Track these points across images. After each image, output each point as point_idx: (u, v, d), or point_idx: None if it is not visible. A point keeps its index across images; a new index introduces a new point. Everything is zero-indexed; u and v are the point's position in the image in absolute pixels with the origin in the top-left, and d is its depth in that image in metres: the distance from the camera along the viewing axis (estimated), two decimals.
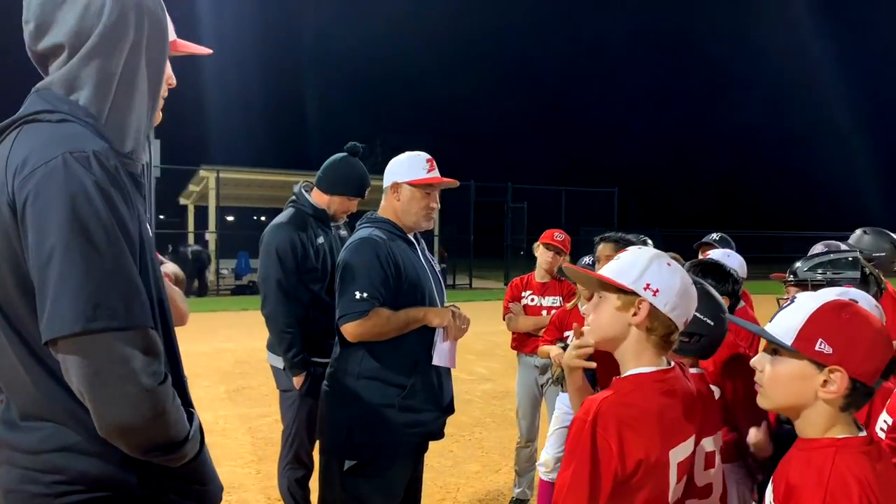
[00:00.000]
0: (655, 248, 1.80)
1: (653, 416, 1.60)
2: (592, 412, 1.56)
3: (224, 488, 4.42)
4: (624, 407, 1.58)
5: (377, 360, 2.57)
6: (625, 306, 1.67)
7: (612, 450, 1.53)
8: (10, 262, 1.31)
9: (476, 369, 9.24)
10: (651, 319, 1.65)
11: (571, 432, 1.59)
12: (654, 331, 1.66)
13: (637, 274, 1.66)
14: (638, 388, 1.63)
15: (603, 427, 1.54)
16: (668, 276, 1.67)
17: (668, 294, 1.65)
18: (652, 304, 1.64)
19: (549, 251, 4.45)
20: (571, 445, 1.57)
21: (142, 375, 1.30)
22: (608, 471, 1.53)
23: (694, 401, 1.74)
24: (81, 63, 1.43)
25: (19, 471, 1.37)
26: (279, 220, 3.44)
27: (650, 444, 1.57)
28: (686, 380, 1.76)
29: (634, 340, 1.68)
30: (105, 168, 1.34)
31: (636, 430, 1.56)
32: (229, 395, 7.65)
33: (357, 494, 2.54)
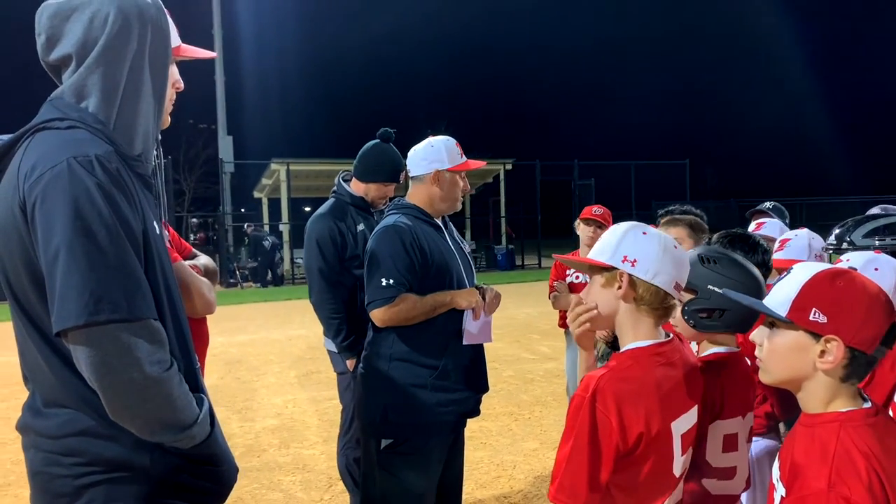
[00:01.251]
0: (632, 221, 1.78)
1: (651, 388, 1.61)
2: (591, 388, 1.58)
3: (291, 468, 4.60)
4: (622, 382, 1.59)
5: (408, 343, 2.65)
6: (608, 282, 1.69)
7: (612, 424, 1.55)
8: (25, 260, 1.43)
9: (540, 349, 9.25)
10: (634, 289, 1.66)
11: (571, 408, 1.61)
12: (641, 300, 1.67)
13: (613, 248, 1.68)
14: (636, 362, 1.64)
15: (602, 402, 1.56)
16: (645, 243, 1.67)
17: (647, 261, 1.65)
18: (631, 274, 1.65)
19: (590, 226, 4.44)
20: (571, 421, 1.59)
21: (146, 363, 1.40)
22: (609, 445, 1.55)
23: (694, 372, 1.74)
24: (88, 71, 1.53)
25: (43, 454, 1.50)
26: (320, 212, 3.56)
27: (650, 417, 1.58)
28: (685, 351, 1.76)
29: (627, 314, 1.69)
30: (107, 171, 1.44)
31: (635, 404, 1.58)
32: (299, 379, 7.91)
33: (394, 472, 2.63)
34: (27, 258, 1.43)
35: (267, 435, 5.75)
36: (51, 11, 1.55)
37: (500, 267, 25.47)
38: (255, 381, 7.87)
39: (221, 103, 27.88)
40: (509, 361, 8.37)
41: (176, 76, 1.74)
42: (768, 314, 1.47)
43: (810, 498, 1.32)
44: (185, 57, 1.77)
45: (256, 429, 5.94)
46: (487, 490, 4.40)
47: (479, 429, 5.53)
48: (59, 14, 1.55)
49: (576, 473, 1.54)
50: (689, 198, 27.19)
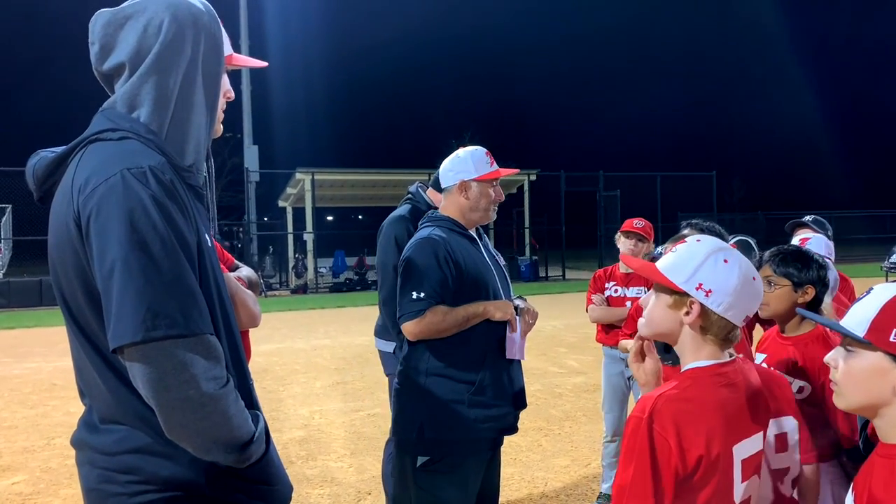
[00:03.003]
0: (717, 239, 1.70)
1: (711, 409, 1.54)
2: (648, 409, 1.52)
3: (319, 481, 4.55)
4: (681, 402, 1.53)
5: (443, 358, 2.60)
6: (676, 305, 1.62)
7: (670, 447, 1.49)
8: (79, 275, 1.41)
9: (568, 362, 9.15)
10: (704, 319, 1.59)
11: (628, 431, 1.55)
12: (708, 330, 1.60)
13: (690, 272, 1.59)
14: (695, 382, 1.57)
15: (660, 424, 1.50)
16: (724, 274, 1.58)
17: (723, 294, 1.57)
18: (704, 304, 1.58)
19: (630, 239, 4.36)
20: (629, 444, 1.53)
21: (202, 380, 1.36)
22: (668, 469, 1.49)
23: (759, 395, 1.67)
24: (141, 81, 1.51)
25: (98, 471, 1.47)
26: (399, 213, 3.60)
27: (710, 439, 1.52)
28: (750, 373, 1.69)
29: (689, 338, 1.62)
30: (161, 182, 1.41)
31: (694, 426, 1.51)
32: (325, 390, 7.89)
33: (431, 490, 2.57)
34: (82, 273, 1.40)
35: (294, 446, 5.73)
36: (105, 20, 1.53)
37: (523, 278, 25.38)
38: (282, 391, 7.86)
39: (247, 113, 28.19)
40: (537, 375, 8.28)
41: (227, 86, 1.71)
42: (845, 334, 1.41)
43: None
44: (236, 66, 1.74)
45: (283, 440, 5.91)
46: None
47: (509, 444, 5.44)
48: (113, 22, 1.53)
49: (640, 498, 1.48)
50: (715, 210, 26.93)
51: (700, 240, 1.67)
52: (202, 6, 1.62)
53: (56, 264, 1.47)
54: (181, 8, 1.56)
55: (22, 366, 9.89)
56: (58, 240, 1.45)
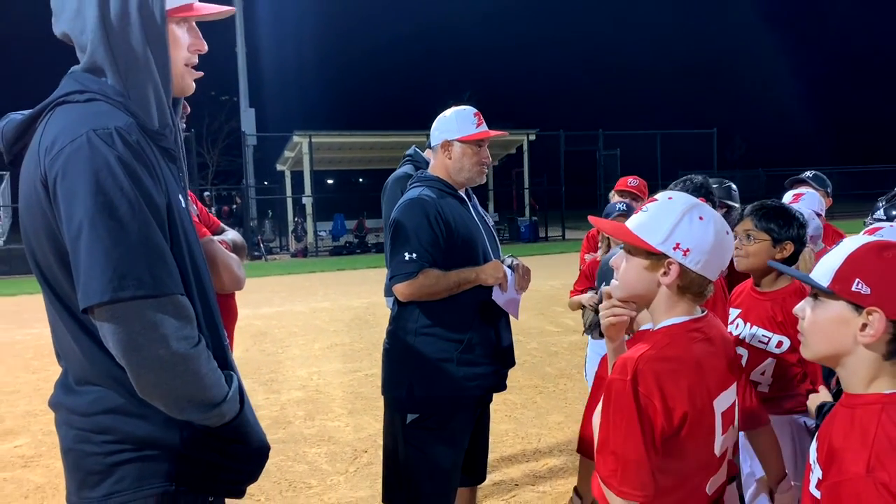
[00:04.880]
0: (689, 196, 1.67)
1: (690, 365, 1.55)
2: (630, 371, 1.52)
3: (316, 440, 4.62)
4: (661, 361, 1.53)
5: (432, 317, 2.62)
6: (652, 266, 1.60)
7: (656, 407, 1.49)
8: (49, 237, 1.41)
9: (564, 321, 9.20)
10: (682, 278, 1.58)
11: (610, 394, 1.54)
12: (686, 289, 1.60)
13: (666, 232, 1.57)
14: (672, 340, 1.58)
15: (644, 386, 1.50)
16: (701, 231, 1.57)
17: (700, 252, 1.56)
18: (682, 264, 1.57)
19: (625, 198, 4.34)
20: (615, 408, 1.52)
21: (173, 339, 1.38)
22: (656, 429, 1.50)
23: (731, 347, 1.68)
24: (93, 46, 1.48)
25: (75, 431, 1.49)
26: (403, 171, 3.61)
27: (693, 395, 1.53)
28: (721, 326, 1.70)
29: (665, 296, 1.61)
30: (128, 143, 1.40)
31: (676, 384, 1.52)
32: (323, 351, 7.96)
33: (420, 446, 2.61)
34: (52, 235, 1.40)
35: (292, 407, 5.80)
36: None
37: (523, 239, 25.38)
38: (281, 354, 7.93)
39: (243, 75, 27.90)
40: (533, 334, 8.34)
41: (190, 39, 1.63)
42: (810, 284, 1.41)
43: (847, 483, 1.26)
44: (201, 16, 1.64)
45: (282, 401, 5.98)
46: (513, 463, 4.40)
47: (504, 401, 5.52)
48: None
49: (638, 465, 1.48)
50: (716, 167, 26.80)
51: (672, 197, 1.64)
52: None
53: (27, 227, 1.47)
54: None
55: (24, 332, 9.96)
56: (27, 202, 1.45)
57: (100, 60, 1.48)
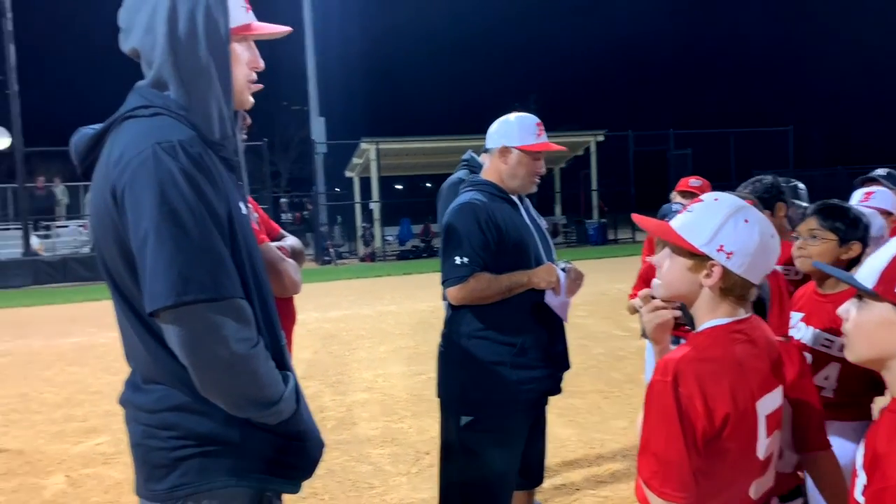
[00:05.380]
0: (736, 197, 1.64)
1: (732, 366, 1.53)
2: (671, 372, 1.51)
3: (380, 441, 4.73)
4: (702, 363, 1.52)
5: (484, 320, 2.64)
6: (695, 267, 1.59)
7: (697, 408, 1.48)
8: (118, 244, 1.50)
9: (632, 325, 9.02)
10: (724, 281, 1.56)
11: (651, 394, 1.54)
12: (728, 292, 1.58)
13: (710, 234, 1.56)
14: (714, 341, 1.56)
15: (685, 387, 1.49)
16: (745, 234, 1.55)
17: (744, 255, 1.54)
18: (725, 266, 1.55)
19: (687, 199, 4.26)
20: (656, 409, 1.51)
21: (232, 341, 1.45)
22: (697, 431, 1.48)
23: (776, 350, 1.65)
24: (161, 60, 1.57)
25: (142, 427, 1.58)
26: (458, 177, 3.68)
27: (735, 397, 1.50)
28: (766, 329, 1.67)
29: (707, 298, 1.60)
30: (190, 155, 1.48)
31: (718, 385, 1.50)
32: (389, 354, 8.07)
33: (475, 448, 2.64)
34: (120, 242, 1.49)
35: (358, 408, 5.91)
36: (126, 4, 1.61)
37: (591, 242, 25.07)
38: (348, 356, 8.08)
39: (313, 85, 28.47)
40: (600, 338, 8.23)
41: (249, 56, 1.72)
42: (854, 285, 1.37)
43: (890, 490, 1.23)
44: (259, 35, 1.74)
45: (348, 402, 6.10)
46: (575, 467, 4.37)
47: (568, 406, 5.48)
48: (132, 6, 1.60)
49: (680, 466, 1.47)
50: (792, 166, 25.85)
51: (718, 199, 1.62)
52: None
53: (98, 234, 1.57)
54: None
55: (106, 335, 10.45)
56: (98, 211, 1.54)
57: (166, 75, 1.57)
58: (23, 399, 6.82)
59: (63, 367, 8.34)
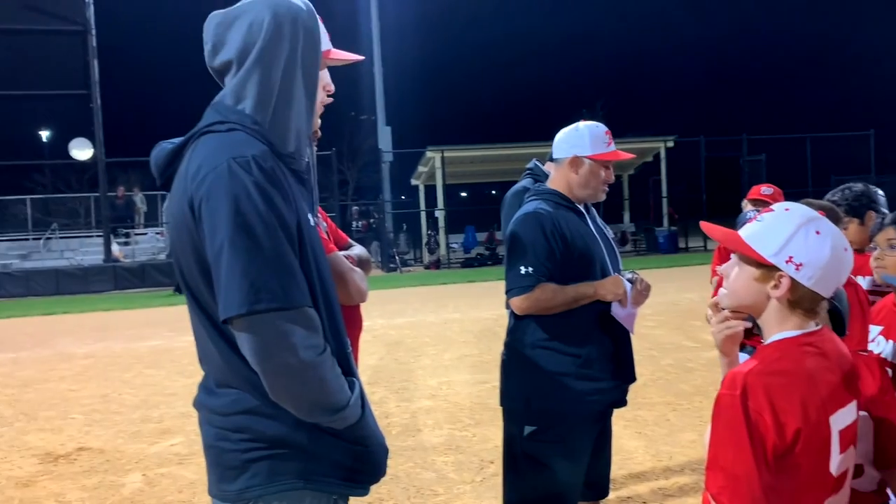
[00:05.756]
0: (808, 208, 1.60)
1: (803, 380, 1.48)
2: (739, 386, 1.47)
3: (444, 449, 4.76)
4: (772, 376, 1.47)
5: (549, 330, 2.62)
6: (763, 277, 1.55)
7: (767, 422, 1.44)
8: (194, 253, 1.57)
9: (702, 336, 8.81)
10: (793, 293, 1.52)
11: (718, 408, 1.50)
12: (797, 304, 1.53)
13: (779, 245, 1.52)
14: (783, 354, 1.51)
15: (754, 401, 1.45)
16: (816, 246, 1.50)
17: (814, 268, 1.49)
18: (794, 278, 1.51)
19: (757, 208, 4.14)
20: (723, 423, 1.48)
21: (301, 348, 1.49)
22: (767, 446, 1.45)
23: (850, 363, 1.59)
24: (246, 75, 1.64)
25: (215, 429, 1.63)
26: (522, 185, 3.68)
27: (806, 411, 1.46)
28: (838, 342, 1.60)
29: (775, 310, 1.55)
30: (263, 169, 1.53)
31: (788, 399, 1.46)
32: (453, 362, 8.10)
33: (538, 459, 2.61)
34: (196, 252, 1.56)
35: (422, 415, 5.95)
36: (217, 21, 1.68)
37: (661, 250, 24.60)
38: (413, 363, 8.15)
39: (380, 95, 28.93)
40: (669, 349, 8.06)
41: (326, 80, 1.81)
42: None
43: None
44: (334, 61, 1.83)
45: (413, 409, 6.15)
46: (642, 480, 4.28)
47: (635, 418, 5.39)
48: (224, 23, 1.67)
49: (749, 481, 1.43)
50: (874, 172, 24.77)
51: (789, 209, 1.58)
52: (302, 4, 1.72)
53: (175, 243, 1.64)
54: (282, 6, 1.67)
55: (182, 339, 10.84)
56: (176, 222, 1.61)
57: (247, 92, 1.64)
58: (104, 400, 7.14)
59: (141, 369, 8.69)
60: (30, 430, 6.13)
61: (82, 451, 5.43)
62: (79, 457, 5.31)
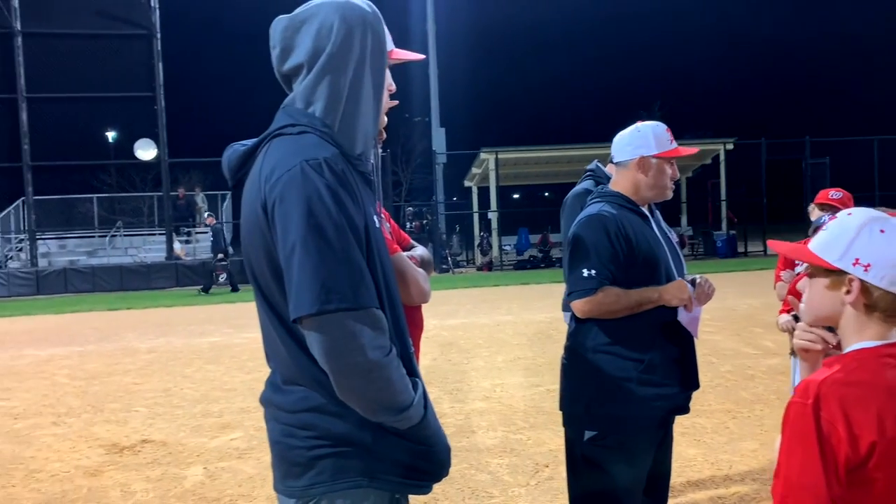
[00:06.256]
0: (871, 209, 1.54)
1: (882, 393, 1.43)
2: (812, 395, 1.43)
3: (499, 451, 4.76)
4: (847, 386, 1.43)
5: (611, 335, 2.58)
6: (834, 284, 1.50)
7: (840, 434, 1.39)
8: (266, 253, 1.60)
9: (763, 343, 8.61)
10: (867, 296, 1.47)
11: (789, 417, 1.46)
12: (874, 307, 1.47)
13: (843, 248, 1.48)
14: (861, 364, 1.46)
15: (827, 410, 1.40)
16: (882, 244, 1.45)
17: (884, 266, 1.44)
18: (864, 280, 1.46)
19: (826, 212, 4.03)
20: (793, 432, 1.44)
21: (369, 349, 1.51)
22: (839, 458, 1.40)
23: None
24: (317, 79, 1.67)
25: (281, 426, 1.66)
26: (584, 187, 3.68)
27: (883, 425, 1.40)
28: None
29: (853, 317, 1.50)
30: (335, 172, 1.56)
31: (864, 410, 1.40)
32: (506, 364, 8.07)
33: (599, 464, 2.59)
34: (268, 251, 1.60)
35: (476, 417, 5.95)
36: (283, 25, 1.71)
37: (719, 254, 24.10)
38: (466, 364, 8.16)
39: (435, 96, 29.04)
40: (728, 356, 7.88)
41: (389, 79, 1.83)
42: None
43: None
44: (397, 60, 1.86)
45: (466, 410, 6.16)
46: (700, 488, 4.20)
47: (693, 425, 5.28)
48: (291, 27, 1.70)
49: (815, 493, 1.39)
50: None
51: (851, 213, 1.54)
52: (367, 7, 1.75)
53: (247, 243, 1.68)
54: (349, 10, 1.70)
55: (241, 335, 11.09)
56: (248, 222, 1.66)
57: (317, 95, 1.67)
58: (166, 394, 7.35)
59: (201, 364, 8.92)
60: (96, 422, 6.36)
61: (146, 444, 5.61)
62: (143, 448, 5.48)
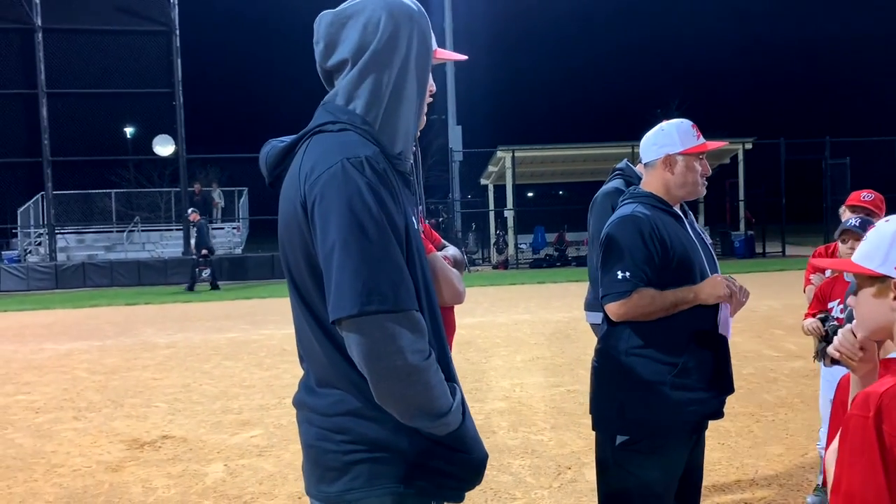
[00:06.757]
0: None
1: None
2: (873, 407, 1.38)
3: (520, 452, 4.71)
4: None
5: (644, 337, 2.54)
6: (881, 292, 1.48)
7: None
8: (304, 252, 1.57)
9: (785, 345, 8.51)
10: None
11: (847, 431, 1.42)
12: None
13: (884, 254, 1.46)
14: None
15: (890, 424, 1.35)
16: None
17: None
18: None
19: (856, 214, 3.95)
20: (853, 446, 1.39)
21: (408, 352, 1.47)
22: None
23: None
24: (360, 76, 1.64)
25: (315, 429, 1.63)
26: (614, 186, 3.63)
27: None
28: None
29: None
30: (376, 171, 1.53)
31: None
32: (525, 364, 8.03)
33: (630, 469, 2.54)
34: (307, 250, 1.56)
35: (496, 417, 5.91)
36: (329, 20, 1.68)
37: (737, 255, 23.89)
38: (484, 363, 8.12)
39: (451, 94, 28.96)
40: (750, 358, 7.80)
41: (431, 80, 1.79)
42: None
43: None
44: (440, 60, 1.82)
45: (486, 410, 6.12)
46: (726, 494, 4.14)
47: (716, 429, 5.21)
48: (336, 22, 1.67)
49: None
50: None
51: (889, 219, 1.53)
52: (414, 5, 1.71)
53: (284, 241, 1.65)
54: (396, 6, 1.66)
55: (258, 332, 11.11)
56: (286, 220, 1.62)
57: (360, 92, 1.63)
58: (185, 389, 7.36)
59: (219, 360, 8.93)
60: (117, 417, 6.38)
61: (166, 439, 5.62)
62: (163, 444, 5.49)
